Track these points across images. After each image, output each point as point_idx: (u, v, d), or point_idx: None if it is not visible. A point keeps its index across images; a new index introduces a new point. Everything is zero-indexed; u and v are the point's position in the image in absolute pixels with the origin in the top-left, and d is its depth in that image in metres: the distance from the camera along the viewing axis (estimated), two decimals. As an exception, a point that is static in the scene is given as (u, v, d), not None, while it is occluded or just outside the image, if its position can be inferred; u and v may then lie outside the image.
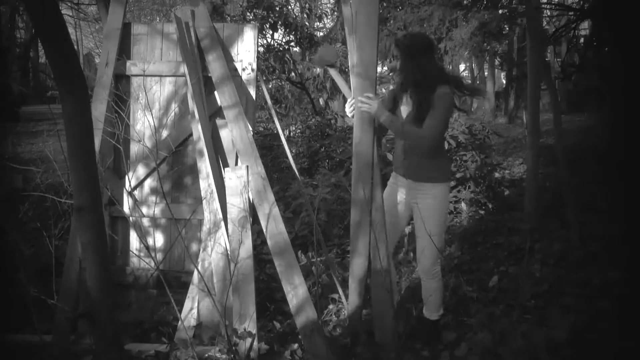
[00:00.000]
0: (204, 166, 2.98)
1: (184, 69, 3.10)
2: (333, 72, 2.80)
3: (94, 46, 27.23)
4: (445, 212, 2.75)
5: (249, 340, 2.59)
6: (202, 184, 2.99)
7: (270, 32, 6.76)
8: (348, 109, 2.65)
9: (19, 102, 13.45)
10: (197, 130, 3.01)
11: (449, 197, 2.88)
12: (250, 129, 3.02)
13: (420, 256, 2.75)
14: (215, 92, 3.12)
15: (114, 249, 3.22)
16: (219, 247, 2.86)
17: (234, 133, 2.98)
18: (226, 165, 3.06)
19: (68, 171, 1.92)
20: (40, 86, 21.36)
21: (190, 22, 3.19)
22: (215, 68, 3.09)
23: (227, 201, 2.88)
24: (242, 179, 2.90)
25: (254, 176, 2.88)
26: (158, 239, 3.20)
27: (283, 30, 6.83)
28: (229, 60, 3.17)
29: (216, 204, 2.92)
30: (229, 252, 2.80)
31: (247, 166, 2.91)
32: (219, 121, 3.14)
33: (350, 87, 2.69)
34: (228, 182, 2.92)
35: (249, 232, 2.81)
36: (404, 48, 2.61)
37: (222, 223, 2.88)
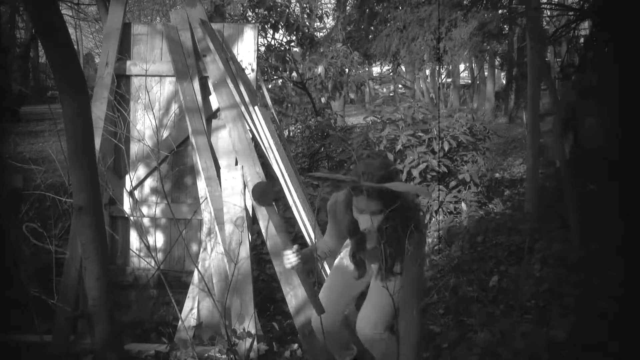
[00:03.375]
0: (201, 167, 2.98)
1: (174, 72, 3.11)
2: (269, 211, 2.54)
3: (94, 46, 27.20)
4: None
5: (248, 340, 2.59)
6: (200, 185, 2.99)
7: (271, 31, 6.76)
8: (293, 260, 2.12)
9: (19, 102, 13.43)
10: (194, 131, 3.01)
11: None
12: (249, 129, 3.02)
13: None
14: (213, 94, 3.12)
15: (114, 248, 3.22)
16: (218, 247, 2.86)
17: (232, 134, 2.98)
18: (225, 165, 3.06)
19: (69, 171, 1.91)
20: (40, 86, 21.33)
21: (187, 24, 3.18)
22: (213, 70, 3.08)
23: (225, 201, 2.88)
24: (240, 179, 2.90)
25: (253, 176, 2.88)
26: (158, 239, 3.20)
27: (284, 30, 6.83)
28: (233, 58, 3.17)
29: (211, 205, 2.91)
30: (225, 252, 2.80)
31: (242, 166, 2.91)
32: (217, 122, 3.14)
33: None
34: (225, 183, 2.92)
35: (246, 232, 2.81)
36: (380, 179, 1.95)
37: (215, 223, 2.87)
